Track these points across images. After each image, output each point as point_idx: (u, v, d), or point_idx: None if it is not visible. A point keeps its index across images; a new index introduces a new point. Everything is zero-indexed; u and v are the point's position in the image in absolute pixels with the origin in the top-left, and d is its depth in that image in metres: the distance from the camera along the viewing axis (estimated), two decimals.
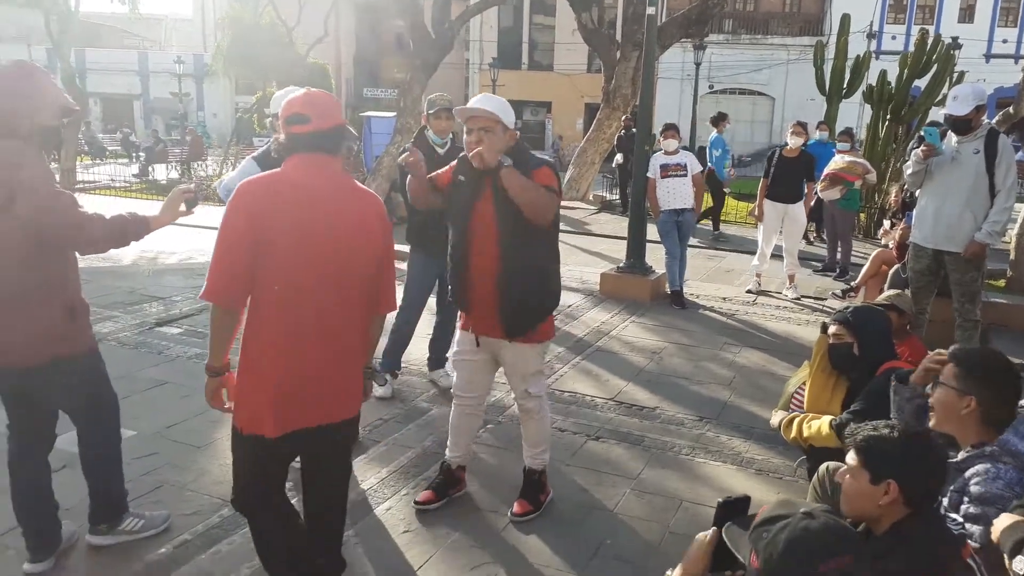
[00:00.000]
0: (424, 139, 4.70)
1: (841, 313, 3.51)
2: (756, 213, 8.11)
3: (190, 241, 10.24)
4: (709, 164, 11.19)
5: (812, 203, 8.29)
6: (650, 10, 7.05)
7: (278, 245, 2.33)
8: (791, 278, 7.94)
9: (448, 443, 3.66)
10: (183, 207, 2.93)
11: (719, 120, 11.30)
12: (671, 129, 7.40)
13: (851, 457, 2.04)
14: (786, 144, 8.04)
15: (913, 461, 1.97)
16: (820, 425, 3.31)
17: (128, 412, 4.24)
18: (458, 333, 3.53)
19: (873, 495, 1.98)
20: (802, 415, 3.47)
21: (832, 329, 3.47)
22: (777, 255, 8.26)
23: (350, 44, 36.57)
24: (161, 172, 21.59)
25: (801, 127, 8.12)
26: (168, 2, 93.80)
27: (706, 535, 1.96)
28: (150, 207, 4.27)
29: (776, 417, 3.67)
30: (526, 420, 3.56)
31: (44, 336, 2.75)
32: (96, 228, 2.73)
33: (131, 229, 2.83)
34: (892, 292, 4.70)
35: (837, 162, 8.45)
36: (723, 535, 1.93)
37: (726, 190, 12.40)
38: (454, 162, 3.40)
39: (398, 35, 35.37)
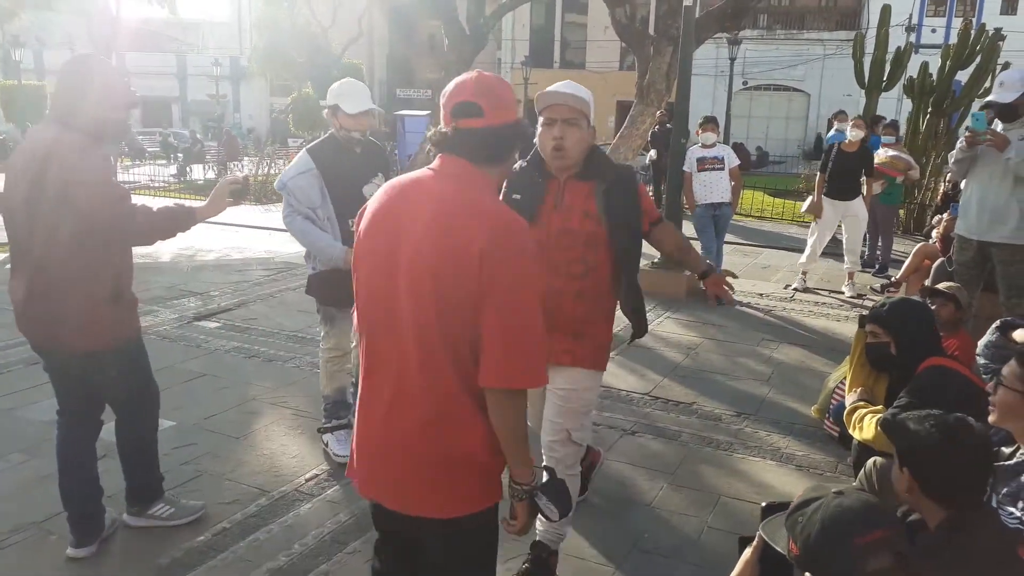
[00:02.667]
0: None
1: (877, 310, 3.33)
2: (813, 210, 7.82)
3: (228, 238, 10.39)
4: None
5: (871, 197, 7.90)
6: (687, 2, 6.97)
7: (358, 270, 1.87)
8: (850, 275, 7.78)
9: None
10: (230, 198, 2.96)
11: (836, 115, 10.53)
12: (710, 122, 7.30)
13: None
14: (845, 138, 7.83)
15: (924, 449, 1.90)
16: (868, 426, 3.20)
17: (168, 403, 4.30)
18: None
19: (899, 480, 1.95)
20: (863, 410, 3.31)
21: (868, 327, 3.32)
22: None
23: (383, 44, 36.80)
24: (198, 172, 21.91)
25: (862, 120, 7.85)
26: (206, 5, 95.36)
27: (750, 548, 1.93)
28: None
29: (850, 396, 3.49)
30: None
31: (88, 323, 2.79)
32: (145, 220, 2.79)
33: (179, 221, 2.87)
34: (952, 284, 4.54)
35: (880, 156, 8.27)
36: (762, 533, 1.90)
37: None
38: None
39: (431, 35, 35.45)
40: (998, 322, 3.67)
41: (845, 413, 3.33)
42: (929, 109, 11.93)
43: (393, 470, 1.83)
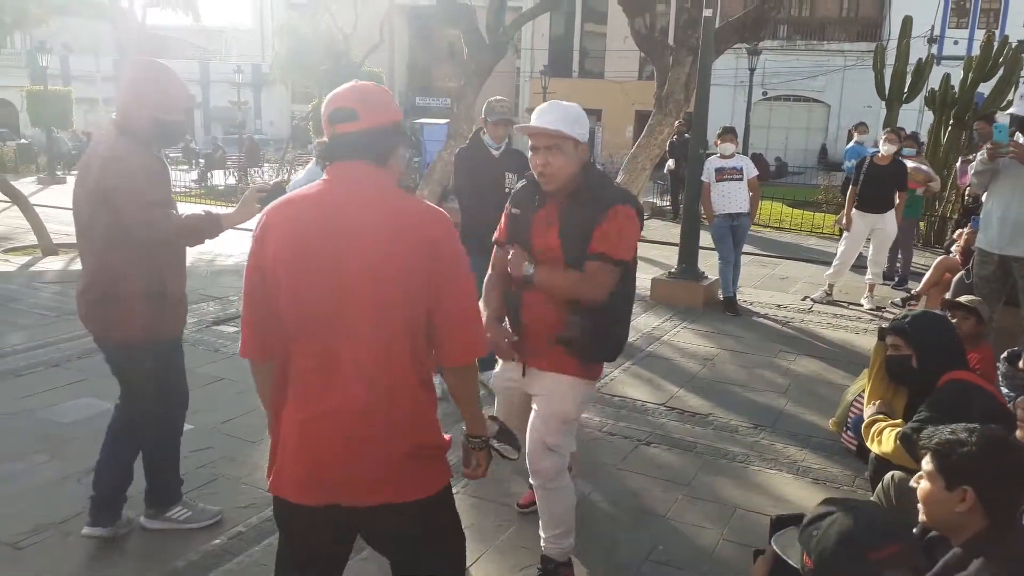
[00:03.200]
0: (479, 141, 4.72)
1: (898, 322, 3.30)
2: (843, 222, 7.77)
3: (247, 244, 10.46)
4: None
5: (902, 213, 7.76)
6: (707, 13, 6.97)
7: (274, 277, 1.86)
8: (870, 288, 7.72)
9: None
10: (257, 205, 2.98)
11: (856, 127, 10.54)
12: (729, 133, 7.28)
13: (926, 462, 1.95)
14: (867, 151, 7.77)
15: (992, 467, 1.87)
16: (888, 440, 3.16)
17: None
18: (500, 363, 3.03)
19: (949, 503, 1.89)
20: (882, 423, 3.23)
21: (889, 340, 3.29)
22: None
23: (403, 52, 37.07)
24: (219, 178, 22.12)
25: (895, 134, 7.77)
26: (229, 13, 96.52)
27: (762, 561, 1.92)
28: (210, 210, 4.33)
29: (868, 409, 3.40)
30: (542, 491, 2.87)
31: (126, 318, 2.92)
32: (168, 225, 2.85)
33: (206, 227, 2.93)
34: (974, 298, 4.51)
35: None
36: (773, 545, 1.89)
37: None
38: (508, 201, 3.00)
39: (451, 43, 35.72)
40: (1005, 354, 3.67)
41: (863, 426, 3.30)
42: (951, 121, 11.83)
43: (365, 467, 1.87)
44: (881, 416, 3.21)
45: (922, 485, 1.95)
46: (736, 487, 3.85)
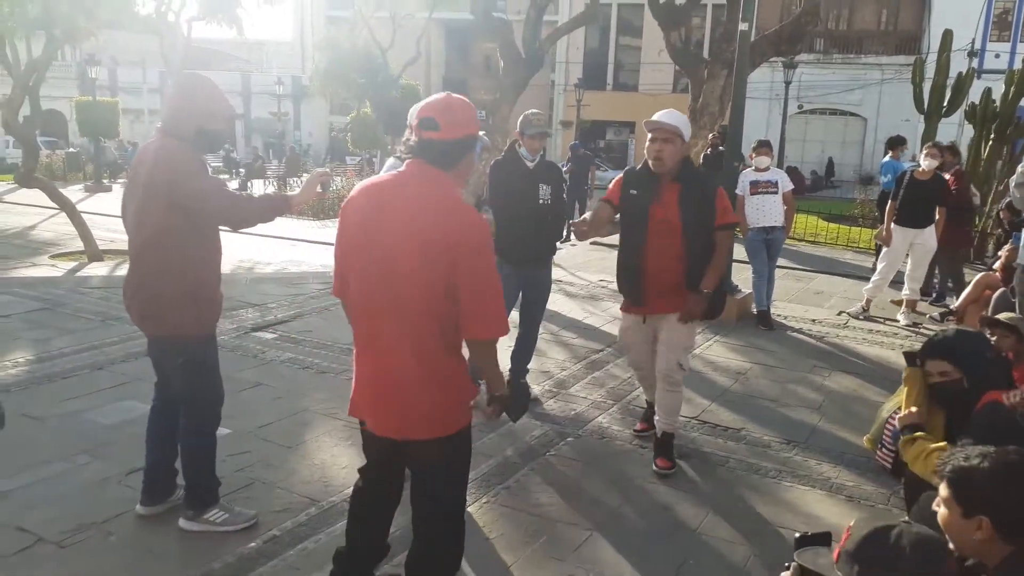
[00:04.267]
0: (514, 153, 4.78)
1: (940, 344, 3.09)
2: (883, 236, 7.66)
3: (286, 252, 10.64)
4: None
5: (943, 229, 7.58)
6: (743, 26, 6.97)
7: (342, 247, 2.44)
8: (910, 304, 7.61)
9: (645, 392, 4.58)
10: (319, 188, 3.34)
11: (896, 144, 10.21)
12: (764, 146, 7.25)
13: (942, 488, 1.91)
14: (917, 166, 7.65)
15: (1006, 494, 1.82)
16: (929, 466, 3.02)
17: (224, 411, 4.43)
18: (624, 317, 4.27)
19: (966, 530, 1.85)
20: (927, 443, 3.02)
21: (937, 367, 3.06)
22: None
23: (439, 66, 37.41)
24: (259, 187, 22.51)
25: (936, 148, 7.63)
26: (270, 27, 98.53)
27: None
28: None
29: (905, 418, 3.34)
30: (668, 391, 4.06)
31: (161, 312, 3.12)
32: (245, 205, 3.15)
33: (276, 205, 3.22)
34: (1014, 315, 4.43)
35: None
36: (797, 560, 1.88)
37: None
38: (619, 177, 4.15)
39: (486, 57, 35.99)
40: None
41: (901, 442, 3.18)
42: (991, 136, 11.63)
43: (405, 408, 2.40)
44: (921, 436, 3.11)
45: (941, 511, 1.92)
46: (768, 503, 3.82)
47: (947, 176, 7.94)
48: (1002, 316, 4.32)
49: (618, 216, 4.11)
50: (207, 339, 3.28)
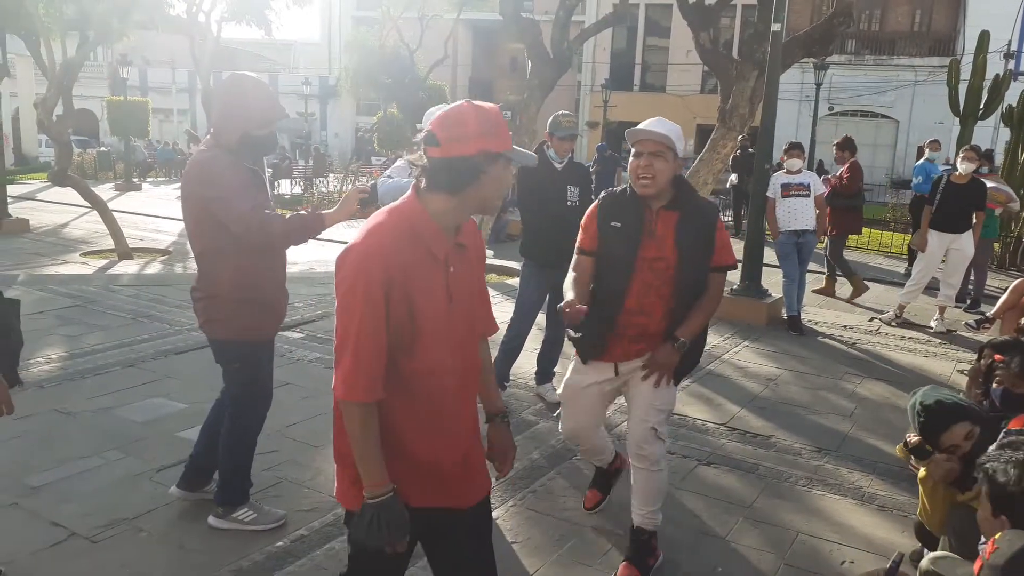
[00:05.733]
0: (543, 155, 4.75)
1: (953, 407, 2.73)
2: (918, 242, 7.53)
3: (313, 252, 10.67)
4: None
5: (979, 234, 7.53)
6: (775, 27, 6.89)
7: (421, 318, 1.88)
8: (941, 310, 7.48)
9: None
10: (357, 206, 3.09)
11: (929, 144, 10.17)
12: (796, 148, 7.15)
13: (981, 480, 1.99)
14: (955, 170, 7.52)
15: None
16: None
17: None
18: (577, 372, 3.23)
19: (995, 529, 1.90)
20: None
21: (961, 431, 2.67)
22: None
23: (466, 66, 37.50)
24: (286, 187, 22.69)
25: (974, 152, 7.49)
26: (298, 28, 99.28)
27: None
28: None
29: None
30: (642, 471, 3.12)
31: (212, 314, 3.17)
32: (275, 227, 2.98)
33: (311, 225, 3.06)
34: None
35: None
36: (933, 567, 1.90)
37: None
38: (592, 208, 3.17)
39: (513, 58, 36.04)
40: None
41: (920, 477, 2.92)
42: None
43: (473, 467, 2.06)
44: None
45: (980, 508, 1.97)
46: (798, 512, 3.76)
47: (842, 169, 8.30)
48: None
49: None
50: (262, 344, 3.30)
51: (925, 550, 3.04)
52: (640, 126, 2.98)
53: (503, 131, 1.88)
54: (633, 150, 2.98)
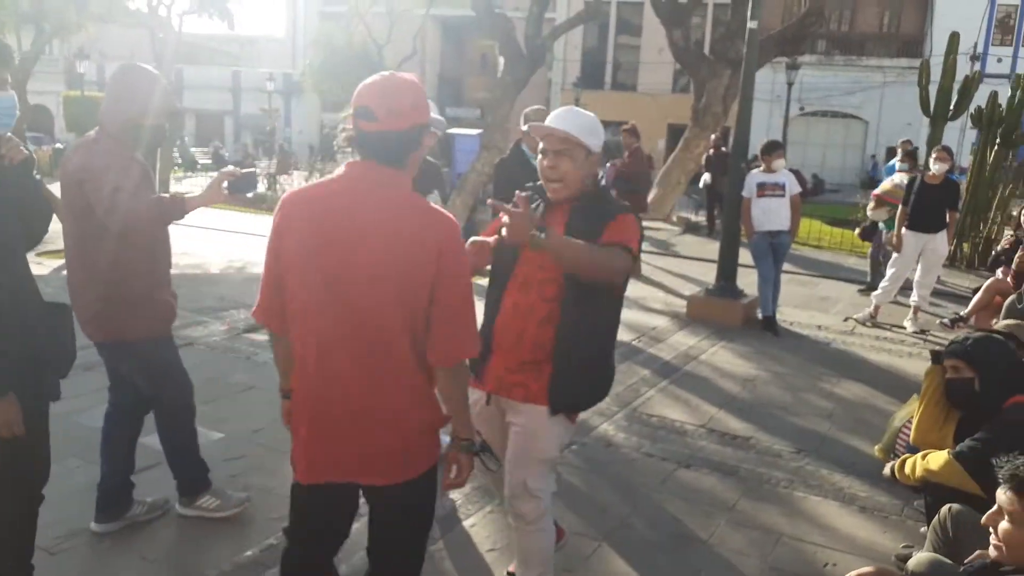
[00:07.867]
0: (519, 151, 4.66)
1: (959, 345, 3.17)
2: (894, 243, 7.52)
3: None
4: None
5: (953, 233, 7.61)
6: (752, 24, 6.85)
7: (287, 265, 1.98)
8: (915, 311, 7.51)
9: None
10: (225, 191, 3.01)
11: (902, 145, 9.70)
12: (779, 148, 7.05)
13: (1007, 497, 1.84)
14: (928, 170, 7.56)
15: None
16: (937, 459, 3.02)
17: (216, 415, 4.32)
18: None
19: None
20: (915, 455, 3.17)
21: (948, 363, 3.15)
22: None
23: (435, 63, 37.25)
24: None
25: (946, 152, 7.55)
26: (262, 23, 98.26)
27: None
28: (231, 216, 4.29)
29: (887, 468, 3.36)
30: (520, 530, 2.65)
31: (100, 316, 3.02)
32: (139, 206, 2.89)
33: (167, 211, 2.96)
34: (1012, 321, 4.36)
35: (884, 185, 8.29)
36: None
37: None
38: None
39: (483, 55, 35.87)
40: None
41: (896, 466, 3.19)
42: (997, 140, 11.56)
43: (363, 446, 2.00)
44: (907, 455, 3.15)
45: (1004, 525, 1.83)
46: (780, 513, 3.71)
47: (625, 154, 8.95)
48: (999, 324, 4.24)
49: None
50: (159, 342, 3.16)
51: (913, 550, 3.03)
52: (547, 120, 2.58)
53: (426, 101, 1.99)
54: (540, 146, 2.57)
